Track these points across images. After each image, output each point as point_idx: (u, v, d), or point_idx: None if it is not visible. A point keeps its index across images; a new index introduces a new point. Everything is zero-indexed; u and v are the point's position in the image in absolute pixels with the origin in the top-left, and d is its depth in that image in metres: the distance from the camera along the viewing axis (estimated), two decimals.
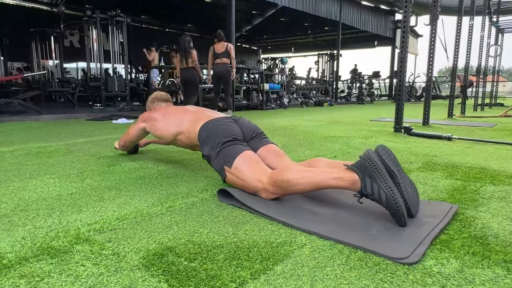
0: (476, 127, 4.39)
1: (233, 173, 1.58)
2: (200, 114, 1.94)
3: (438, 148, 2.78)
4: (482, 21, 6.90)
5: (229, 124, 1.78)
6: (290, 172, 1.42)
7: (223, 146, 1.64)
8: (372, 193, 1.23)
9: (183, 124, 1.94)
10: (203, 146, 1.75)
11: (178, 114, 2.07)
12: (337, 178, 1.31)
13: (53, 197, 1.56)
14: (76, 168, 2.14)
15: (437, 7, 3.99)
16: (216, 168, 1.68)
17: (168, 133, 2.01)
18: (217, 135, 1.70)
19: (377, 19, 14.45)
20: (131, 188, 1.71)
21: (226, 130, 1.72)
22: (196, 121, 1.86)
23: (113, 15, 7.68)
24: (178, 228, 1.23)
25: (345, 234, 1.14)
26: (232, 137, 1.68)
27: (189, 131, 1.88)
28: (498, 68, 9.90)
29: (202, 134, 1.77)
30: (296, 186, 1.39)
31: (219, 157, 1.64)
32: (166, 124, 2.05)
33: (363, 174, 1.25)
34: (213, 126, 1.76)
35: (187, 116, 1.97)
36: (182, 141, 1.97)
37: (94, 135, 3.66)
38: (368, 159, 1.25)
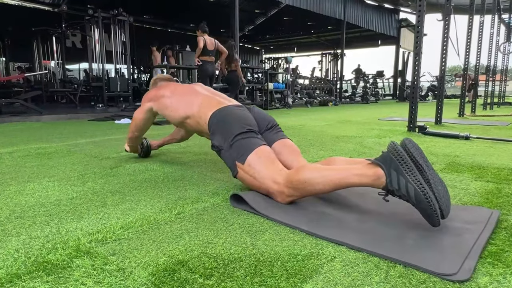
0: (491, 126, 4.25)
1: (245, 170, 1.44)
2: (211, 99, 1.77)
3: (457, 148, 2.64)
4: (492, 18, 6.74)
5: (244, 112, 1.62)
6: (307, 170, 1.30)
7: (237, 138, 1.48)
8: (399, 187, 1.10)
9: (192, 106, 1.76)
10: (213, 136, 1.59)
11: (188, 94, 1.87)
12: (359, 174, 1.18)
13: (51, 203, 1.44)
14: (77, 171, 2.01)
15: (450, 2, 3.85)
16: (227, 161, 1.54)
17: (177, 114, 1.84)
18: (230, 124, 1.54)
19: (381, 18, 14.29)
20: (136, 192, 1.58)
21: (241, 119, 1.56)
22: (207, 106, 1.69)
23: (116, 14, 7.57)
24: (190, 238, 1.10)
25: (378, 244, 1.01)
26: (247, 128, 1.52)
27: (198, 116, 1.71)
28: (506, 66, 9.73)
29: (213, 121, 1.61)
30: (315, 186, 1.26)
31: (231, 150, 1.49)
32: (175, 103, 1.86)
33: (388, 168, 1.12)
34: (226, 114, 1.60)
35: (198, 99, 1.78)
36: (190, 125, 1.82)
37: (96, 136, 3.54)
38: (394, 150, 1.12)
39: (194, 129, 1.82)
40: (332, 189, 1.27)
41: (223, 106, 1.66)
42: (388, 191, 1.14)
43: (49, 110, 6.37)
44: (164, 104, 1.92)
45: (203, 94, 1.84)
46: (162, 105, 1.93)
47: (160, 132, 3.87)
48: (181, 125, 1.92)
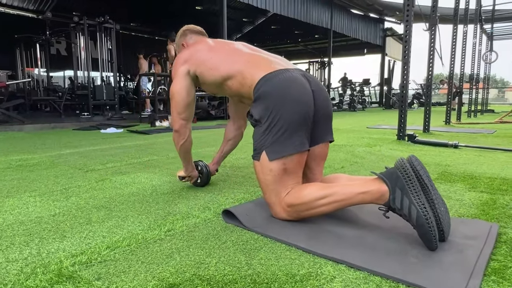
0: (477, 133, 4.31)
1: (264, 166, 1.28)
2: (257, 58, 1.44)
3: (447, 157, 2.64)
4: (474, 28, 6.92)
5: (304, 88, 1.31)
6: (307, 190, 1.24)
7: (283, 128, 1.24)
8: (401, 207, 1.07)
9: (236, 64, 1.43)
10: (257, 103, 1.32)
11: (228, 51, 1.53)
12: (363, 193, 1.14)
13: (32, 220, 1.35)
14: (61, 184, 1.92)
15: (436, 13, 3.91)
16: (256, 140, 1.32)
17: (217, 73, 1.47)
18: (285, 102, 1.26)
19: (367, 27, 14.54)
20: (123, 208, 1.51)
21: (299, 99, 1.28)
22: (254, 66, 1.38)
23: (102, 22, 7.46)
24: (181, 258, 1.03)
25: (380, 262, 0.97)
26: (302, 116, 1.26)
27: (243, 76, 1.38)
28: (489, 75, 10.00)
29: (263, 87, 1.30)
30: (317, 208, 1.22)
31: (268, 135, 1.26)
32: (215, 61, 1.50)
33: (393, 185, 1.09)
34: (282, 83, 1.29)
35: (241, 57, 1.46)
36: (230, 88, 1.46)
37: (81, 146, 3.43)
38: (402, 168, 1.08)
39: (233, 92, 1.48)
40: (335, 210, 1.23)
41: (281, 69, 1.34)
42: (389, 208, 1.11)
43: (32, 119, 6.19)
44: (201, 60, 1.54)
45: (246, 51, 1.51)
46: (199, 60, 1.55)
47: (147, 142, 3.78)
48: (219, 89, 1.55)
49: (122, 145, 3.50)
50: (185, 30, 1.78)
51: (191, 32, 1.77)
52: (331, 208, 1.20)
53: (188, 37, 1.76)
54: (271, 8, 9.45)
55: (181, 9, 11.99)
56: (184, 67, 1.57)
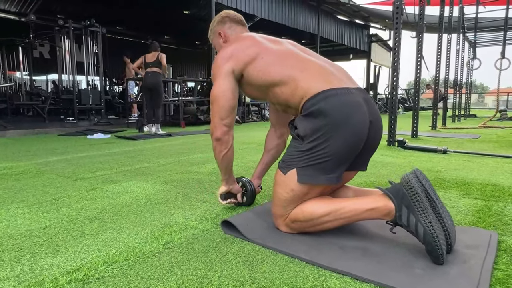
0: (463, 138, 4.40)
1: (286, 185, 1.20)
2: (318, 65, 1.27)
3: (438, 163, 2.68)
4: (458, 37, 7.10)
5: (364, 122, 1.17)
6: (313, 206, 1.21)
7: (329, 159, 1.14)
8: (408, 225, 1.07)
9: (291, 70, 1.25)
10: (305, 119, 1.18)
11: (283, 52, 1.33)
12: (370, 210, 1.13)
13: (21, 234, 1.30)
14: (50, 194, 1.86)
15: (423, 21, 3.99)
16: (289, 155, 1.22)
17: (267, 76, 1.29)
18: (339, 131, 1.13)
19: (352, 32, 14.75)
20: (117, 219, 1.46)
21: (355, 132, 1.15)
22: (314, 76, 1.23)
23: (88, 25, 7.33)
24: (182, 272, 1.00)
25: (386, 274, 0.96)
26: (351, 153, 1.17)
27: (297, 86, 1.22)
28: (471, 81, 10.27)
29: (319, 105, 1.15)
30: (322, 225, 1.20)
31: (308, 157, 1.16)
32: (267, 61, 1.30)
33: (400, 203, 1.08)
34: (342, 110, 1.14)
35: (297, 60, 1.28)
36: (277, 96, 1.29)
37: (68, 153, 3.34)
38: (407, 185, 1.08)
39: (280, 100, 1.31)
40: (340, 226, 1.21)
41: (344, 87, 1.19)
42: (396, 224, 1.11)
43: (14, 124, 6.01)
44: (250, 58, 1.33)
45: (304, 56, 1.32)
46: (248, 58, 1.33)
47: (137, 148, 3.71)
48: (262, 93, 1.37)
49: (111, 151, 3.42)
50: (224, 17, 1.55)
51: (231, 21, 1.53)
52: (337, 224, 1.19)
53: (227, 25, 1.53)
54: (259, 13, 9.48)
55: (168, 13, 11.91)
56: (229, 65, 1.35)
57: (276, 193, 1.27)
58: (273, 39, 1.44)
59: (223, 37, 1.54)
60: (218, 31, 1.55)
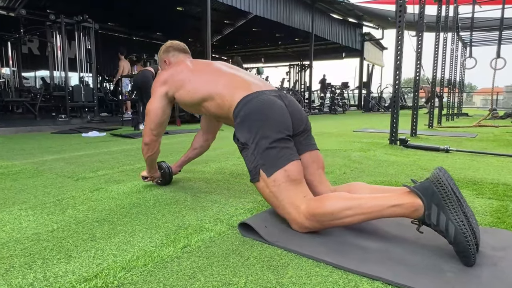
0: (461, 137, 4.43)
1: (268, 184, 1.28)
2: (236, 80, 1.49)
3: (443, 162, 2.68)
4: (452, 36, 7.16)
5: (282, 110, 1.37)
6: (332, 201, 1.18)
7: (271, 145, 1.28)
8: (437, 224, 1.04)
9: (215, 87, 1.48)
10: (240, 127, 1.36)
11: (209, 71, 1.58)
12: (394, 205, 1.10)
13: (29, 237, 1.23)
14: (52, 195, 1.79)
15: (423, 20, 4.00)
16: (249, 163, 1.33)
17: (195, 94, 1.53)
18: (265, 123, 1.31)
19: (346, 31, 14.79)
20: (127, 221, 1.41)
21: (279, 119, 1.34)
22: (235, 87, 1.44)
23: (80, 21, 7.18)
24: (206, 278, 0.96)
25: (418, 278, 0.93)
26: (285, 133, 1.32)
27: (221, 97, 1.44)
28: (463, 80, 10.39)
29: (244, 109, 1.36)
30: (343, 219, 1.16)
31: (258, 155, 1.29)
32: (195, 83, 1.55)
33: (429, 201, 1.05)
34: (262, 106, 1.35)
35: (221, 79, 1.51)
36: (208, 110, 1.53)
37: (65, 151, 3.25)
38: (438, 182, 1.05)
39: (212, 114, 1.54)
40: (361, 222, 1.18)
41: (258, 91, 1.41)
42: (424, 223, 1.08)
43: (4, 122, 5.85)
44: (181, 83, 1.59)
45: (228, 72, 1.55)
46: (179, 83, 1.60)
47: (135, 146, 3.63)
48: (195, 109, 1.61)
49: (109, 150, 3.34)
50: (168, 46, 1.84)
51: (174, 49, 1.83)
52: (357, 220, 1.16)
53: (171, 54, 1.82)
54: (254, 10, 9.42)
55: (161, 10, 11.76)
56: (163, 88, 1.66)
57: (269, 198, 1.31)
58: (205, 62, 1.72)
59: (168, 64, 1.82)
60: (164, 59, 1.84)
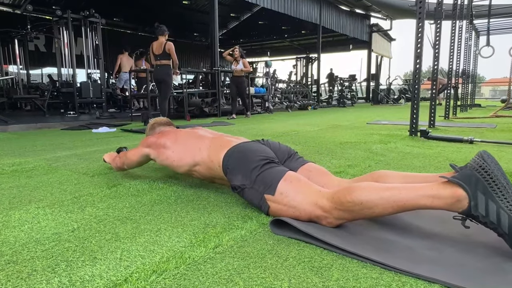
0: (481, 128, 4.29)
1: (278, 201, 1.25)
2: (219, 139, 1.62)
3: (469, 153, 2.56)
4: (467, 24, 6.96)
5: (258, 145, 1.50)
6: (362, 190, 1.09)
7: (260, 171, 1.33)
8: (487, 214, 0.94)
9: (200, 152, 1.60)
10: (232, 176, 1.43)
11: (192, 140, 1.70)
12: (431, 196, 1.00)
13: (49, 238, 1.16)
14: (68, 192, 1.72)
15: (441, 6, 3.85)
16: (254, 199, 1.35)
17: (182, 162, 1.66)
18: (248, 160, 1.40)
19: (353, 22, 14.56)
20: (151, 219, 1.33)
21: (258, 152, 1.43)
22: (218, 148, 1.55)
23: (87, 16, 7.10)
24: (244, 282, 0.88)
25: (480, 281, 0.84)
26: (268, 159, 1.38)
27: (209, 160, 1.55)
28: (476, 70, 10.15)
29: (229, 162, 1.46)
30: (373, 208, 1.07)
31: (256, 185, 1.32)
32: (179, 153, 1.68)
33: (474, 189, 0.96)
34: (241, 151, 1.46)
35: (204, 143, 1.63)
36: (200, 173, 1.63)
37: (77, 147, 3.19)
38: (481, 168, 0.95)
39: (205, 176, 1.64)
40: (393, 213, 1.08)
41: (236, 144, 1.51)
42: (470, 216, 0.98)
43: (14, 119, 5.82)
44: (164, 155, 1.73)
45: (209, 137, 1.68)
46: (163, 155, 1.74)
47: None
48: (188, 174, 1.71)
49: (122, 145, 3.27)
50: (153, 124, 2.07)
51: (159, 125, 2.06)
52: (389, 211, 1.06)
53: (157, 129, 2.03)
54: (261, 2, 9.27)
55: (166, 4, 11.65)
56: (147, 150, 1.82)
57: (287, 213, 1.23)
58: (188, 131, 1.81)
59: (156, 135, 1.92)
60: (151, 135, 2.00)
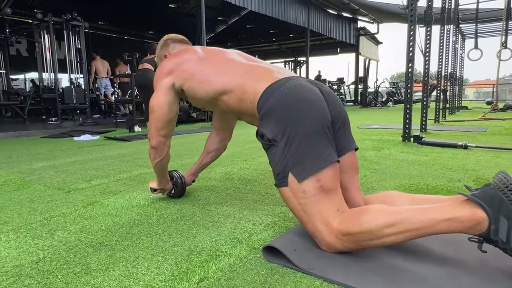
0: (472, 131, 4.26)
1: (296, 193, 1.05)
2: (257, 68, 1.26)
3: (466, 160, 2.49)
4: (454, 28, 6.99)
5: (315, 95, 1.12)
6: (370, 216, 0.97)
7: (307, 140, 1.04)
8: (508, 241, 0.84)
9: (233, 76, 1.24)
10: (266, 121, 1.11)
11: (223, 60, 1.34)
12: (450, 219, 0.89)
13: (8, 272, 1.01)
14: (39, 212, 1.55)
15: (431, 9, 3.80)
16: (276, 165, 1.09)
17: (210, 87, 1.28)
18: (298, 112, 1.07)
19: (341, 26, 14.60)
20: (128, 244, 1.18)
21: (316, 106, 1.09)
22: (258, 77, 1.20)
23: (69, 19, 6.88)
24: None
25: None
26: (324, 126, 1.07)
27: (243, 91, 1.19)
28: (462, 74, 10.26)
29: (269, 100, 1.11)
30: (383, 238, 0.95)
31: (289, 152, 1.05)
32: (208, 72, 1.30)
33: (497, 212, 0.85)
34: (290, 93, 1.10)
35: (240, 66, 1.27)
36: (227, 105, 1.27)
37: (55, 158, 3.00)
38: (507, 188, 0.85)
39: (231, 108, 1.28)
40: (406, 241, 0.97)
41: (284, 77, 1.16)
42: (488, 240, 0.87)
43: None
44: (190, 72, 1.33)
45: (243, 62, 1.32)
46: (188, 73, 1.34)
47: (131, 150, 3.39)
48: (210, 104, 1.36)
49: (103, 155, 3.10)
50: (166, 40, 1.61)
51: (173, 41, 1.60)
52: (402, 239, 0.95)
53: (171, 47, 1.59)
54: (249, 5, 9.17)
55: (152, 7, 11.46)
56: (169, 79, 1.40)
57: (295, 210, 1.08)
58: (217, 49, 1.45)
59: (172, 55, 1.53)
60: (163, 54, 1.59)
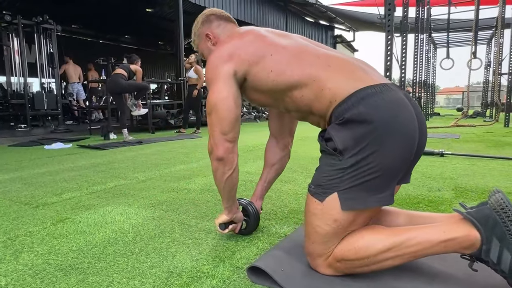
0: (446, 138, 4.38)
1: (326, 216, 0.94)
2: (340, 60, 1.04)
3: (443, 168, 2.53)
4: (427, 38, 7.24)
5: (413, 122, 0.94)
6: (366, 240, 0.93)
7: (380, 174, 0.90)
8: (499, 262, 0.83)
9: (313, 69, 1.01)
10: (342, 129, 0.94)
11: (296, 46, 1.09)
12: (447, 241, 0.87)
13: None
14: (3, 231, 1.43)
15: (407, 19, 3.91)
16: (323, 175, 0.95)
17: (282, 79, 1.04)
18: (389, 137, 0.90)
19: (318, 33, 14.87)
20: (102, 267, 1.10)
21: (407, 138, 0.93)
22: (344, 73, 1.00)
23: (40, 22, 6.62)
24: None
25: None
26: (404, 163, 0.95)
27: (323, 87, 0.98)
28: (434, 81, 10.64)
29: (357, 109, 0.92)
30: (380, 263, 0.92)
31: (352, 176, 0.91)
32: (278, 61, 1.06)
33: (490, 233, 0.84)
34: (389, 111, 0.92)
35: (317, 56, 1.05)
36: (296, 102, 1.05)
37: (23, 169, 2.83)
38: (503, 210, 0.84)
39: (300, 106, 1.06)
40: (404, 263, 0.94)
41: (381, 84, 0.96)
42: (480, 260, 0.86)
43: None
44: (259, 54, 1.07)
45: (324, 51, 1.08)
46: (256, 56, 1.08)
47: (106, 159, 3.25)
48: (275, 100, 1.12)
49: (76, 165, 2.96)
50: (209, 15, 1.28)
51: (218, 18, 1.27)
52: (398, 262, 0.92)
53: (215, 24, 1.26)
54: (228, 12, 9.16)
55: (129, 11, 11.24)
56: (229, 66, 1.08)
57: (312, 226, 0.98)
58: (281, 33, 1.19)
59: (213, 39, 1.27)
60: (205, 32, 1.28)
